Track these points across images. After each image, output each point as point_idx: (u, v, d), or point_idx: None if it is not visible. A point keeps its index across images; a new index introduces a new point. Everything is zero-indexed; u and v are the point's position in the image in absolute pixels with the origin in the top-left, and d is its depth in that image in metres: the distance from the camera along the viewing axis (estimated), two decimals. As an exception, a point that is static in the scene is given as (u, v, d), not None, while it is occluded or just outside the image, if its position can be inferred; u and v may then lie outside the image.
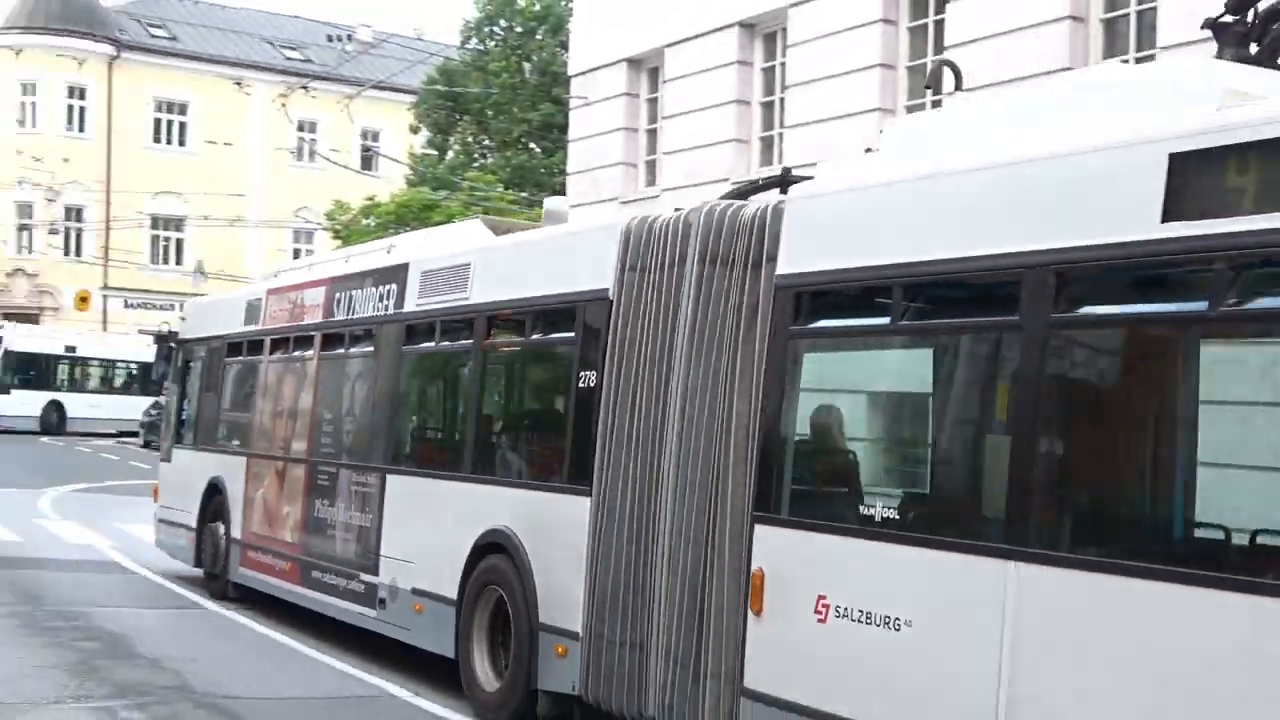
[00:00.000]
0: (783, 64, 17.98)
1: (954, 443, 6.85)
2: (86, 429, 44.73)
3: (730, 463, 7.38)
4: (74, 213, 54.20)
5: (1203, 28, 6.96)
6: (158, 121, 56.49)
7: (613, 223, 8.91)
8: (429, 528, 10.55)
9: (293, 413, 13.27)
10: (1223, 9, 6.82)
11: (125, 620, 12.93)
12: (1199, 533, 5.53)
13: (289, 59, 57.76)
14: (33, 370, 44.61)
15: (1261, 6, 6.71)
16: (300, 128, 53.38)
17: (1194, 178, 5.27)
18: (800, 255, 7.17)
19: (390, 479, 11.09)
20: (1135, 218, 5.42)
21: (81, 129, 54.41)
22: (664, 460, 7.84)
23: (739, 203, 7.92)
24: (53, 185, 50.78)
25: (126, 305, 55.29)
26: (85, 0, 54.91)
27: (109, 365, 47.38)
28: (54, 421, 44.60)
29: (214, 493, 14.64)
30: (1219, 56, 6.71)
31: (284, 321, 13.61)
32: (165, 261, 56.88)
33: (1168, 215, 5.29)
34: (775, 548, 7.10)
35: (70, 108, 54.50)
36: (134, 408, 44.35)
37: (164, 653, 11.48)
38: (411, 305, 11.14)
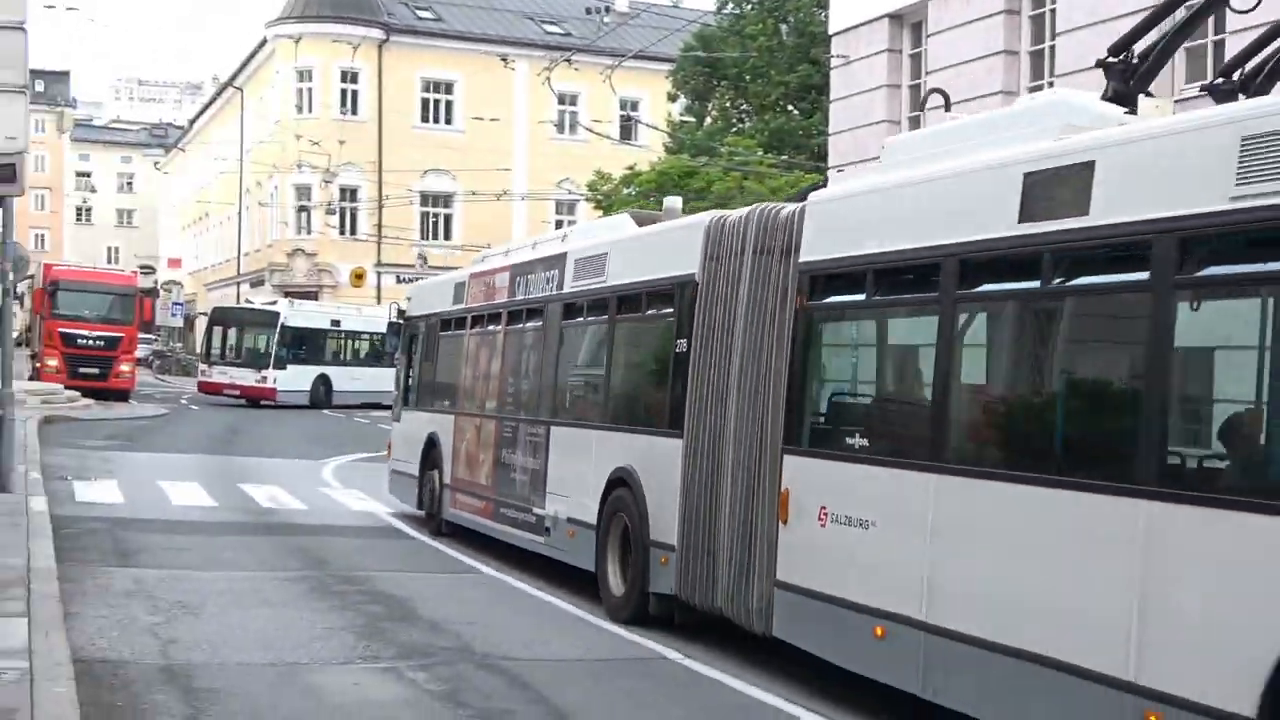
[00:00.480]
0: (1052, 10, 17.29)
1: (902, 388, 9.48)
2: (345, 401, 45.43)
3: (769, 407, 9.80)
4: (348, 193, 56.24)
5: (1095, 65, 8.58)
6: (425, 101, 58.10)
7: (699, 220, 11.37)
8: (578, 468, 12.84)
9: (486, 377, 15.88)
10: (1107, 51, 8.48)
11: (406, 584, 13.31)
12: (1058, 448, 7.58)
13: (549, 33, 58.65)
14: (304, 345, 45.44)
15: (1138, 48, 8.41)
16: (561, 100, 54.24)
17: (1038, 190, 7.42)
18: (813, 247, 9.50)
19: (553, 429, 13.56)
20: (1003, 219, 7.61)
21: (354, 112, 56.37)
22: (729, 407, 10.27)
23: (781, 205, 10.41)
24: (329, 168, 52.74)
25: (399, 280, 57.13)
26: (356, -14, 56.81)
27: (368, 338, 46.98)
28: (321, 395, 45.34)
29: (431, 446, 17.19)
30: (1105, 90, 8.36)
31: (480, 301, 16.18)
32: (435, 237, 58.55)
33: (1022, 217, 7.50)
34: (796, 472, 9.46)
35: (344, 92, 56.50)
36: (387, 380, 45.37)
37: (444, 615, 11.76)
38: (568, 287, 13.59)
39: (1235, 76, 8.13)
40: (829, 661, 9.18)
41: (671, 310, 11.47)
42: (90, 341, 40.42)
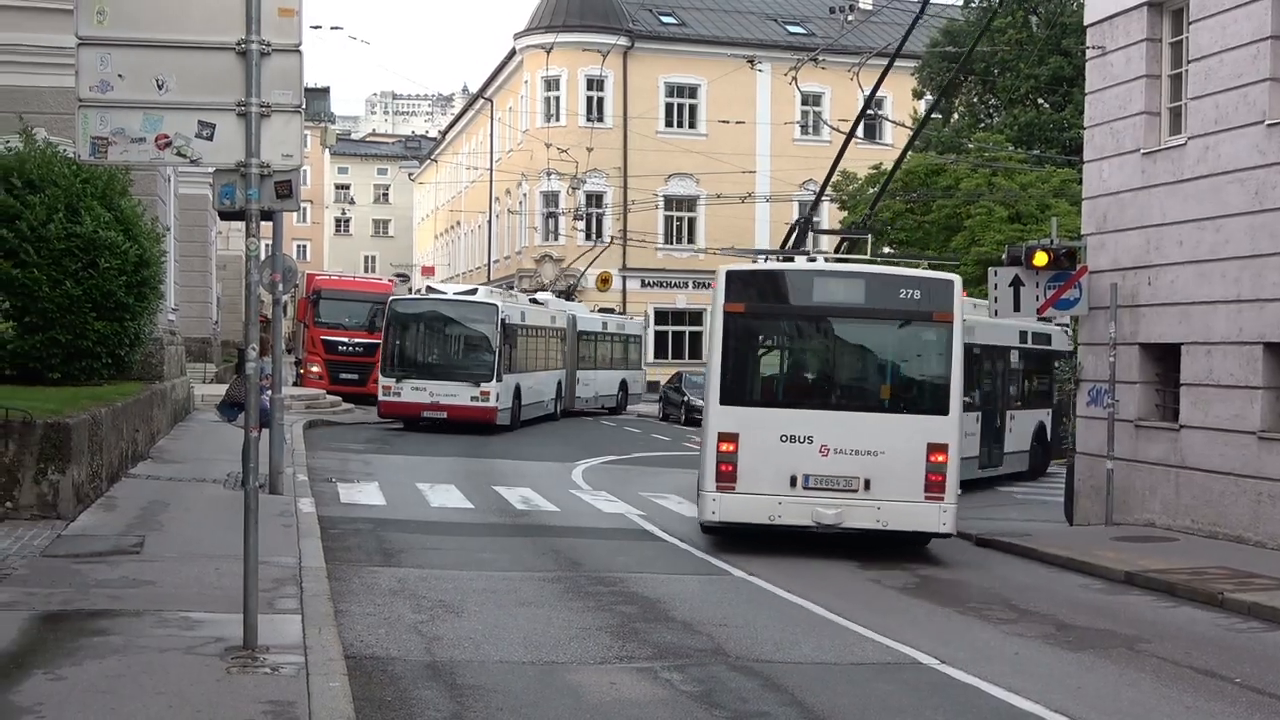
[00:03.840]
0: (1327, -11, 16.47)
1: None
2: (581, 408, 42.34)
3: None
4: (594, 199, 57.08)
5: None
6: (668, 106, 58.57)
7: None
8: None
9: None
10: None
11: (658, 585, 13.44)
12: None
13: (792, 34, 58.47)
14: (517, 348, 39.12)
15: None
16: (804, 101, 54.00)
17: None
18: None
19: None
20: None
21: (600, 119, 57.20)
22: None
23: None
24: (576, 174, 53.64)
25: (643, 285, 57.77)
26: (601, -5, 57.59)
27: (601, 339, 44.51)
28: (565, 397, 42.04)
29: None
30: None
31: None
32: (678, 241, 58.98)
33: None
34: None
35: (589, 100, 57.38)
36: (611, 383, 44.72)
37: (697, 617, 11.84)
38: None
39: None
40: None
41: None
42: (351, 348, 41.73)
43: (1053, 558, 16.47)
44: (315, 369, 41.74)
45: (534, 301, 39.27)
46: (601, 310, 48.91)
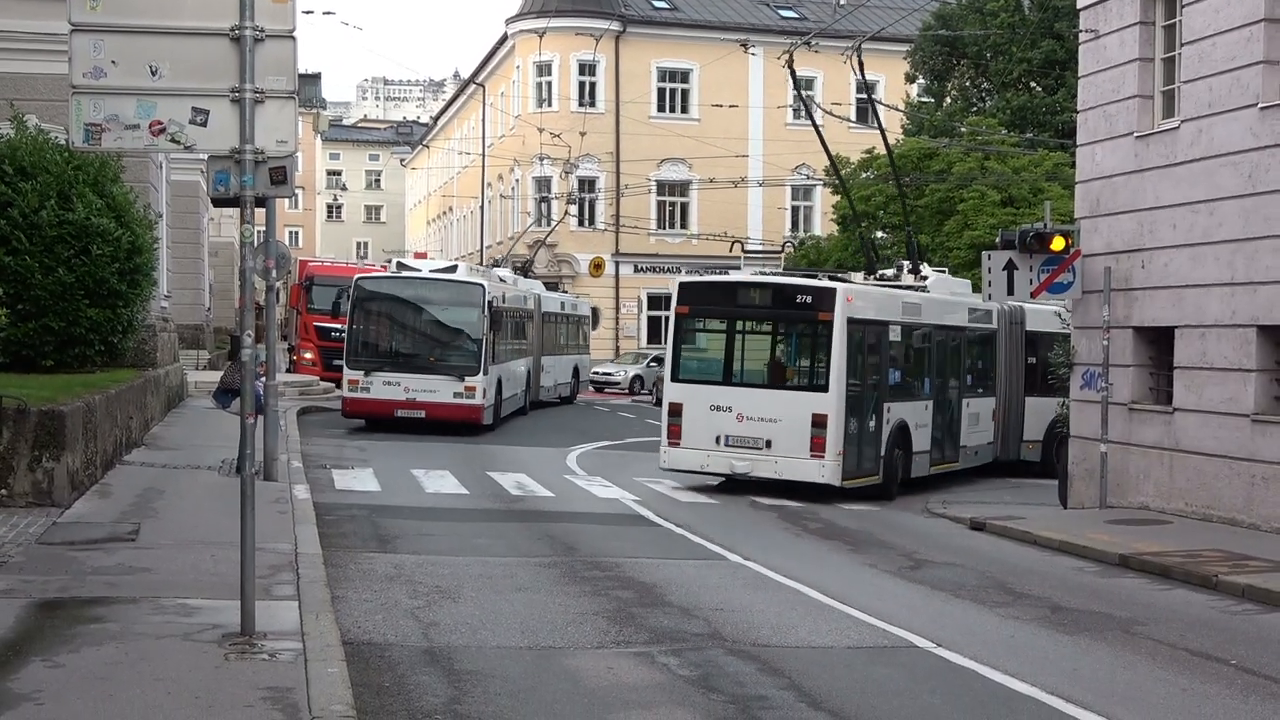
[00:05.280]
0: (1319, -28, 16.45)
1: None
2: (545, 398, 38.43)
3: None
4: (586, 184, 57.03)
5: None
6: (661, 91, 58.48)
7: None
8: None
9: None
10: None
11: (654, 570, 13.45)
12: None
13: (784, 18, 58.39)
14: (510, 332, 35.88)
15: None
16: (797, 85, 53.87)
17: None
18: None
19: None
20: None
21: (592, 104, 57.10)
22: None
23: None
24: (569, 159, 53.56)
25: (636, 270, 57.77)
26: (594, -21, 57.47)
27: (560, 321, 41.17)
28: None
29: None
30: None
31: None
32: (670, 226, 58.96)
33: None
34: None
35: (582, 85, 57.29)
36: (566, 370, 40.89)
37: (693, 601, 11.86)
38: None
39: None
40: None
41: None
42: (343, 334, 41.49)
43: (1047, 541, 16.51)
44: (308, 355, 41.67)
45: (501, 281, 33.97)
46: (547, 286, 45.12)
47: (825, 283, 21.13)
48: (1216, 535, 16.23)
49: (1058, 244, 19.54)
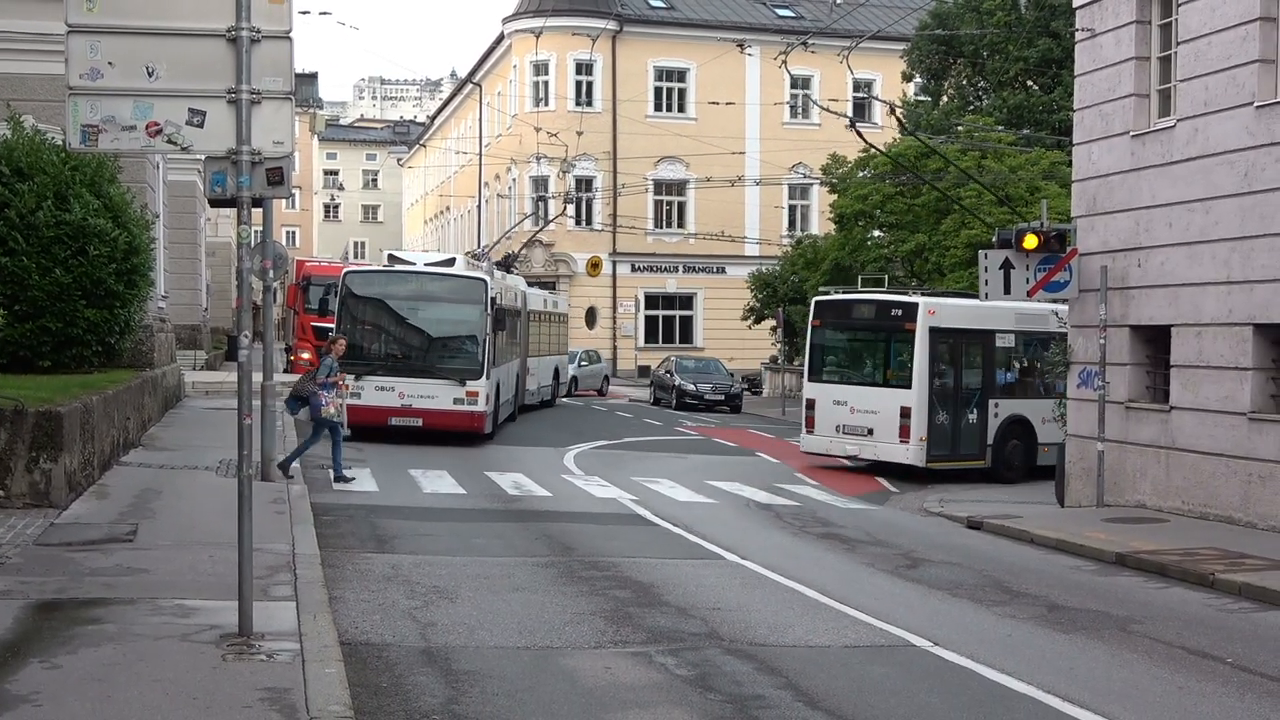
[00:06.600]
0: (1314, -29, 16.47)
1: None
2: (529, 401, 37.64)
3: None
4: (583, 183, 57.02)
5: None
6: (658, 90, 58.47)
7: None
8: None
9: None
10: None
11: (651, 570, 13.45)
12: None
13: (781, 18, 58.40)
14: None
15: None
16: (794, 84, 53.99)
17: None
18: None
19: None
20: None
21: (589, 103, 57.08)
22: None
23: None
24: (566, 159, 53.54)
25: (633, 269, 57.77)
26: (591, -22, 57.44)
27: (544, 320, 39.06)
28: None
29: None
30: None
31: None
32: (668, 225, 58.96)
33: None
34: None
35: (579, 84, 57.27)
36: (548, 372, 39.22)
37: (690, 601, 11.87)
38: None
39: None
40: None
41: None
42: None
43: (1044, 539, 16.54)
44: (306, 355, 41.63)
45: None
46: (544, 285, 44.52)
47: (910, 297, 24.56)
48: (1213, 533, 16.25)
49: (1029, 242, 19.62)
